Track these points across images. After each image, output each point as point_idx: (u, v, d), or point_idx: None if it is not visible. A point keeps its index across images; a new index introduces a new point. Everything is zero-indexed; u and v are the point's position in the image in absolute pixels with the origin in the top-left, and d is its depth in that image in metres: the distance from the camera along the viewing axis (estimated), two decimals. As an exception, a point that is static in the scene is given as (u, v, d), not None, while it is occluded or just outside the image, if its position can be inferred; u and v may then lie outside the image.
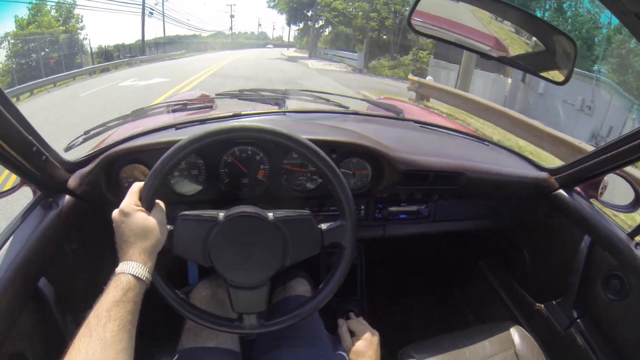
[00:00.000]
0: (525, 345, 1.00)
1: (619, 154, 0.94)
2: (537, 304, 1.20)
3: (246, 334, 0.78)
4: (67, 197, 0.90)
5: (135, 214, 0.66)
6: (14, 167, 0.75)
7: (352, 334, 0.95)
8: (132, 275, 0.61)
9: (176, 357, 0.84)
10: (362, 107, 1.56)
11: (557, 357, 1.07)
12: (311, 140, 0.73)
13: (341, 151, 1.03)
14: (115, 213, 0.67)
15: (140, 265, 0.62)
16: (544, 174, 1.19)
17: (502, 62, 0.98)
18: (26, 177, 0.82)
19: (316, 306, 0.77)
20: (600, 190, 1.15)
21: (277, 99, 1.26)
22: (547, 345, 1.08)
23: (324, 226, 0.75)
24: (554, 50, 0.89)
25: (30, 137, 0.73)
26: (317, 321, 0.96)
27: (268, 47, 53.85)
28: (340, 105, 1.34)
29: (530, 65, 0.97)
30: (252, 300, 0.74)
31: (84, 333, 0.53)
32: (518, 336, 1.02)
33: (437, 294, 1.70)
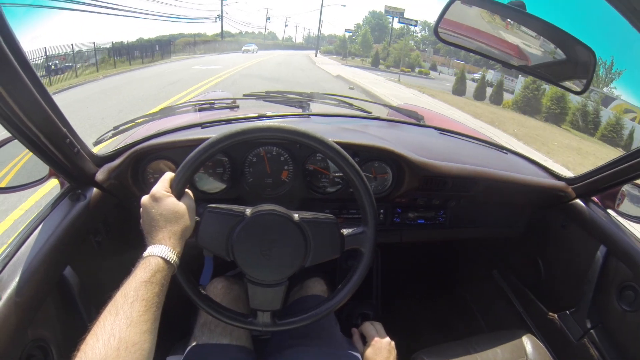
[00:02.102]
0: (538, 354, 1.01)
1: (636, 164, 0.95)
2: (550, 313, 1.21)
3: (259, 331, 0.79)
4: (95, 190, 0.92)
5: (166, 199, 0.67)
6: (47, 157, 0.76)
7: (365, 340, 0.95)
8: (161, 257, 0.61)
9: (190, 351, 0.85)
10: (384, 112, 1.57)
11: None
12: (335, 142, 0.73)
13: (364, 155, 1.04)
14: (145, 198, 0.68)
15: (169, 248, 0.63)
16: (562, 183, 1.19)
17: (523, 70, 0.99)
18: (57, 168, 0.83)
19: (331, 309, 0.78)
20: (617, 202, 1.15)
21: (302, 101, 1.28)
22: (559, 355, 1.09)
23: (345, 231, 0.76)
24: (574, 60, 0.90)
25: (64, 129, 0.75)
26: (332, 322, 0.97)
27: (246, 51, 34.26)
28: (363, 110, 1.35)
29: (550, 74, 0.97)
30: (268, 298, 0.75)
31: (110, 311, 0.53)
32: (530, 345, 1.03)
33: (451, 300, 1.70)
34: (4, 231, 2.57)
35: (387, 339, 0.92)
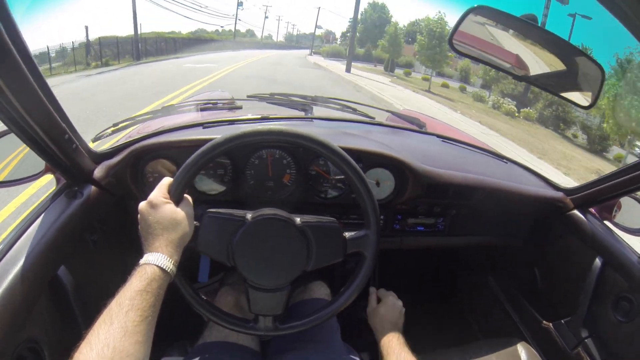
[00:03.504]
0: (532, 363, 1.03)
1: (634, 177, 0.97)
2: (545, 322, 1.23)
3: (259, 336, 0.79)
4: (92, 187, 0.90)
5: (163, 206, 0.65)
6: (44, 153, 0.74)
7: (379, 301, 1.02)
8: (157, 266, 0.60)
9: (199, 348, 0.85)
10: (386, 118, 1.57)
11: None
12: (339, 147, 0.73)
13: (367, 161, 1.04)
14: (142, 205, 0.66)
15: (166, 257, 0.62)
16: (560, 194, 1.21)
17: (531, 82, 1.00)
18: (54, 164, 0.81)
19: (333, 313, 0.77)
20: (615, 213, 1.17)
21: (305, 105, 1.27)
22: None
23: (347, 235, 0.76)
24: (582, 75, 0.91)
25: (64, 125, 0.73)
26: (333, 327, 0.97)
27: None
28: (366, 116, 1.35)
29: (557, 88, 0.99)
30: (270, 303, 0.74)
31: (105, 320, 0.53)
32: (525, 353, 1.04)
33: (446, 307, 1.72)
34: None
35: (401, 303, 1.01)
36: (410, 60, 30.21)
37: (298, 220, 0.73)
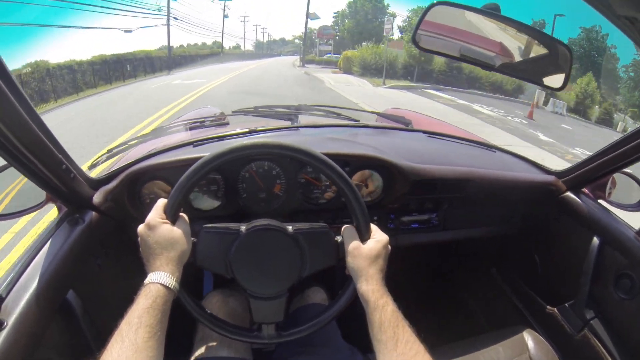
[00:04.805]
0: (539, 349, 1.01)
1: (623, 153, 0.97)
2: (549, 307, 1.22)
3: (265, 344, 0.80)
4: (93, 213, 0.94)
5: (160, 226, 0.68)
6: (44, 184, 0.78)
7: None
8: (161, 284, 0.63)
9: None
10: (372, 119, 1.59)
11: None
12: (325, 154, 0.75)
13: (354, 164, 1.06)
14: (141, 227, 0.70)
15: (168, 274, 0.65)
16: (551, 178, 1.21)
17: (503, 72, 1.01)
18: (55, 194, 0.85)
19: (333, 316, 0.79)
20: (609, 190, 1.17)
21: (290, 114, 1.30)
22: (561, 348, 1.09)
23: (339, 238, 0.77)
24: (552, 58, 0.92)
25: (60, 156, 0.77)
26: (335, 329, 0.98)
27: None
28: (350, 119, 1.38)
29: (529, 73, 1.00)
30: (271, 311, 0.76)
31: (116, 339, 0.56)
32: (532, 340, 1.03)
33: (451, 301, 1.71)
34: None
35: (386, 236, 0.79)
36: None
37: (290, 228, 0.75)
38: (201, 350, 0.87)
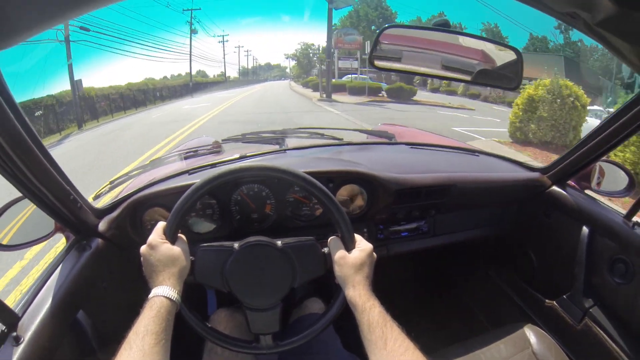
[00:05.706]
0: (542, 343, 1.01)
1: (601, 141, 1.01)
2: (548, 301, 1.21)
3: (263, 354, 0.83)
4: (98, 240, 1.01)
5: (161, 245, 0.75)
6: (54, 214, 0.87)
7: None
8: (164, 296, 0.69)
9: None
10: (357, 136, 1.67)
11: (575, 350, 1.06)
12: (309, 173, 0.81)
13: (337, 180, 1.12)
14: (143, 248, 0.77)
15: (170, 288, 0.71)
16: (536, 174, 1.25)
17: (459, 80, 1.08)
18: (64, 223, 0.93)
19: (326, 323, 0.82)
20: (597, 180, 1.19)
21: (277, 138, 1.38)
22: (563, 339, 1.08)
23: (326, 250, 0.83)
24: (501, 61, 1.00)
25: (68, 188, 0.86)
26: (332, 336, 1.00)
27: None
28: (334, 138, 1.45)
29: (484, 79, 1.07)
30: (267, 321, 0.80)
31: (125, 347, 0.60)
32: (534, 335, 1.03)
33: (451, 304, 1.69)
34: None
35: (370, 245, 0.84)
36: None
37: (279, 243, 0.81)
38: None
